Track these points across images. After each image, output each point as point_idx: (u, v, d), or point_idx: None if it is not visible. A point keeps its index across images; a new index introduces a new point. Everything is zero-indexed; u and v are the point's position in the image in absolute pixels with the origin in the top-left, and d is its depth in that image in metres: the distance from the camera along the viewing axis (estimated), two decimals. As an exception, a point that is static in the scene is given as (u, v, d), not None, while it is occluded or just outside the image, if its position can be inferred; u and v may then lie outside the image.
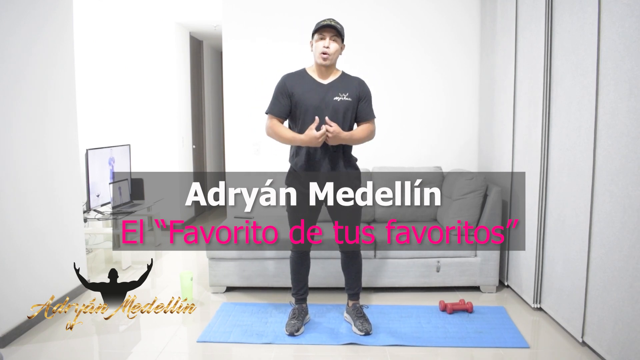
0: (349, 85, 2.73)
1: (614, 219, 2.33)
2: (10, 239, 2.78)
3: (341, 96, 2.68)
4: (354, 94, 2.71)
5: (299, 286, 2.94)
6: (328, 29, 2.64)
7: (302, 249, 2.86)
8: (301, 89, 2.69)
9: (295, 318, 2.87)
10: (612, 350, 2.36)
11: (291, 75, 2.76)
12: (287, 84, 2.72)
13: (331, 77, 2.74)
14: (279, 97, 2.72)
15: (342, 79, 2.75)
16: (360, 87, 2.75)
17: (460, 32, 4.18)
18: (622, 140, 2.26)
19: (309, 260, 2.93)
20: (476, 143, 4.25)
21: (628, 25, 2.21)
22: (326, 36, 2.65)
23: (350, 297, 2.97)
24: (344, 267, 2.92)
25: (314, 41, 2.68)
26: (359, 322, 2.83)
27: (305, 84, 2.71)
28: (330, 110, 2.65)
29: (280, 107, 2.72)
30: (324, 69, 2.71)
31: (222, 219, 5.97)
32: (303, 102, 2.67)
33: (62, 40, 3.32)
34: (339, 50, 2.70)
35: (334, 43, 2.66)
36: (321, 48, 2.64)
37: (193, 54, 6.04)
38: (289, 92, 2.70)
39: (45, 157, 3.12)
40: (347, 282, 2.95)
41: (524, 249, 3.24)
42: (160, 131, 5.42)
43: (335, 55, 2.68)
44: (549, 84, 2.95)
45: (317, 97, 2.67)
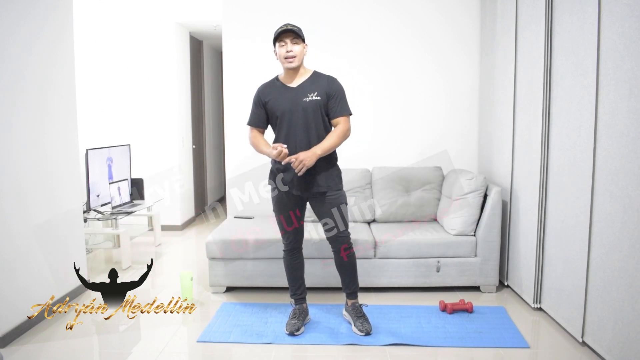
0: (318, 84, 2.77)
1: (614, 219, 2.33)
2: (10, 239, 2.78)
3: (310, 96, 2.74)
4: (322, 92, 2.75)
5: (295, 286, 2.97)
6: (286, 33, 2.70)
7: (292, 244, 2.90)
8: (272, 96, 2.78)
9: (296, 318, 2.87)
10: (612, 350, 2.36)
11: (264, 85, 2.87)
12: (260, 94, 2.83)
13: (301, 79, 2.79)
14: (255, 108, 2.85)
15: (312, 79, 2.80)
16: (329, 84, 2.78)
17: (460, 32, 4.18)
18: (622, 140, 2.26)
19: (301, 259, 2.96)
20: (476, 143, 4.26)
21: (628, 25, 2.21)
22: (287, 41, 2.71)
23: (348, 297, 2.96)
24: (339, 266, 2.91)
25: (277, 49, 2.75)
26: (359, 323, 2.84)
27: (275, 90, 2.80)
28: (301, 112, 2.72)
29: (257, 117, 2.85)
30: (292, 72, 2.78)
31: (222, 219, 5.98)
32: (276, 109, 2.76)
33: (62, 40, 3.32)
34: (303, 51, 2.75)
35: (296, 45, 2.72)
36: (284, 53, 2.71)
37: (193, 54, 6.04)
38: (263, 101, 2.81)
39: (45, 157, 3.12)
40: (344, 281, 2.94)
41: (521, 252, 3.24)
42: (160, 131, 5.42)
43: (300, 56, 2.73)
44: (549, 84, 2.95)
45: (286, 101, 2.75)
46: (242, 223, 3.89)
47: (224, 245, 3.42)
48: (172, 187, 5.47)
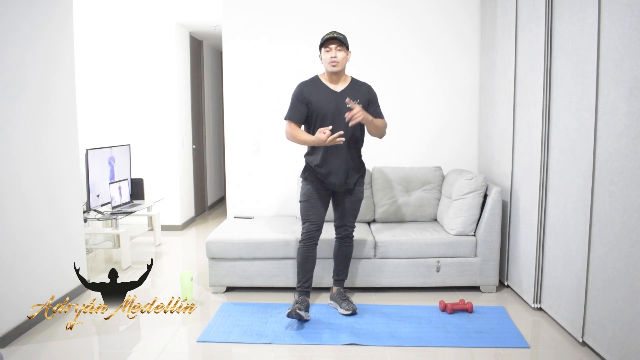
0: (360, 91, 3.00)
1: (614, 219, 2.33)
2: (10, 239, 2.78)
3: (354, 102, 2.89)
4: (364, 99, 2.97)
5: (304, 278, 3.04)
6: (332, 41, 2.90)
7: (311, 233, 3.01)
8: (317, 98, 2.95)
9: (299, 303, 2.93)
10: (612, 350, 2.36)
11: (306, 84, 3.02)
12: (304, 92, 2.97)
13: (342, 84, 3.00)
14: (297, 104, 2.98)
15: (353, 86, 3.01)
16: (369, 92, 3.04)
17: (460, 32, 4.18)
18: (622, 141, 2.26)
19: (315, 253, 3.06)
20: (476, 143, 4.26)
21: (628, 25, 2.21)
22: (332, 48, 2.91)
23: (335, 283, 3.24)
24: (337, 253, 3.20)
25: (322, 54, 2.95)
26: (345, 304, 3.09)
27: (320, 92, 2.96)
28: (344, 116, 2.85)
29: (298, 114, 2.98)
30: (334, 76, 2.98)
31: (222, 219, 5.98)
32: (320, 110, 2.93)
33: (62, 40, 3.33)
34: (346, 57, 2.95)
35: (340, 52, 2.92)
36: (329, 59, 2.91)
37: (193, 54, 6.04)
38: (307, 100, 2.96)
39: (45, 157, 3.12)
40: (337, 268, 3.23)
41: (520, 253, 3.24)
42: (160, 131, 5.43)
43: (343, 62, 2.94)
44: (549, 84, 2.95)
45: (333, 104, 2.93)
46: (242, 223, 3.89)
47: (224, 245, 3.42)
48: (172, 187, 5.48)
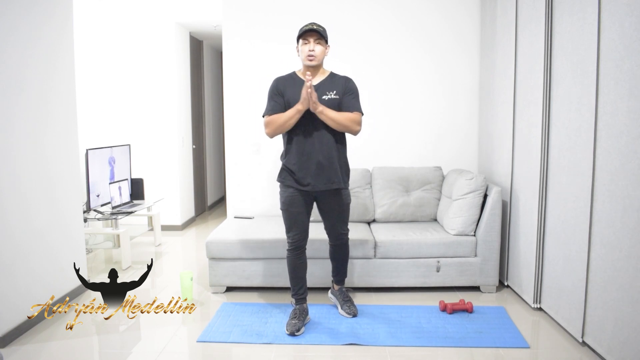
0: (336, 83, 2.85)
1: (614, 219, 2.33)
2: (10, 239, 2.78)
3: (329, 95, 2.80)
4: (340, 90, 2.83)
5: (297, 286, 2.96)
6: (311, 33, 2.76)
7: (298, 242, 2.89)
8: (292, 91, 2.81)
9: (296, 318, 2.87)
10: (612, 350, 2.36)
11: (282, 78, 2.90)
12: (278, 85, 2.86)
13: (320, 78, 2.86)
14: (274, 96, 2.85)
15: (331, 79, 2.87)
16: (346, 83, 2.87)
17: (460, 32, 4.18)
18: (622, 140, 2.26)
19: (305, 259, 2.97)
20: (476, 143, 4.26)
21: (628, 25, 2.21)
22: (310, 40, 2.77)
23: (336, 282, 3.20)
24: (333, 256, 3.11)
25: (300, 46, 2.81)
26: (347, 306, 3.06)
27: (295, 85, 2.82)
28: None
29: (276, 105, 2.82)
30: (311, 70, 2.82)
31: (222, 219, 5.98)
32: (294, 102, 2.77)
33: (62, 40, 3.32)
34: (324, 51, 2.82)
35: (318, 45, 2.78)
36: (307, 51, 2.77)
37: (193, 54, 6.04)
38: (281, 91, 2.84)
39: (45, 157, 3.12)
40: (335, 269, 3.15)
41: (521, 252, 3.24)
42: (160, 131, 5.43)
43: (320, 56, 2.80)
44: (549, 84, 2.95)
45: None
46: (242, 223, 3.89)
47: (224, 245, 3.42)
48: (172, 187, 5.48)
